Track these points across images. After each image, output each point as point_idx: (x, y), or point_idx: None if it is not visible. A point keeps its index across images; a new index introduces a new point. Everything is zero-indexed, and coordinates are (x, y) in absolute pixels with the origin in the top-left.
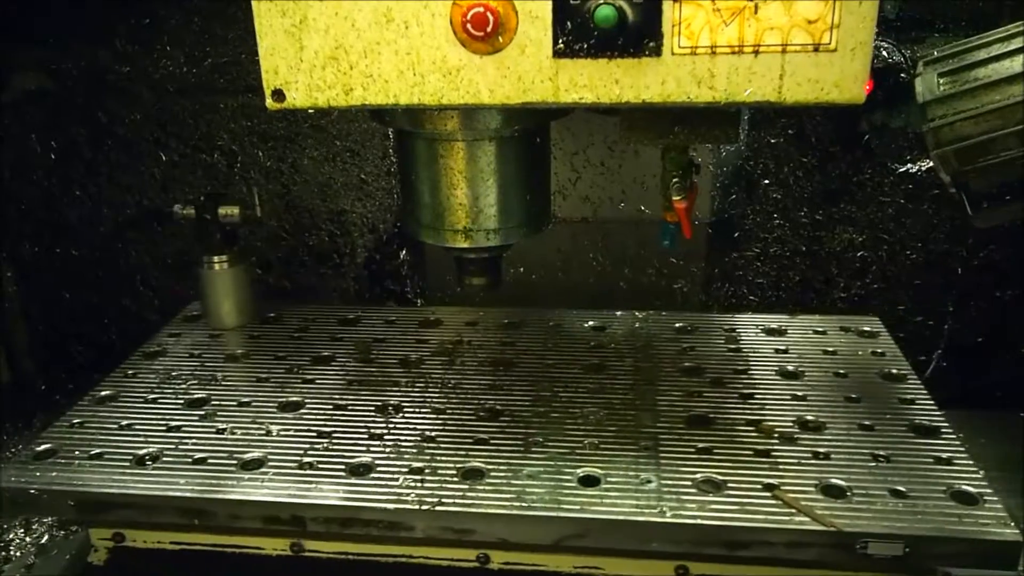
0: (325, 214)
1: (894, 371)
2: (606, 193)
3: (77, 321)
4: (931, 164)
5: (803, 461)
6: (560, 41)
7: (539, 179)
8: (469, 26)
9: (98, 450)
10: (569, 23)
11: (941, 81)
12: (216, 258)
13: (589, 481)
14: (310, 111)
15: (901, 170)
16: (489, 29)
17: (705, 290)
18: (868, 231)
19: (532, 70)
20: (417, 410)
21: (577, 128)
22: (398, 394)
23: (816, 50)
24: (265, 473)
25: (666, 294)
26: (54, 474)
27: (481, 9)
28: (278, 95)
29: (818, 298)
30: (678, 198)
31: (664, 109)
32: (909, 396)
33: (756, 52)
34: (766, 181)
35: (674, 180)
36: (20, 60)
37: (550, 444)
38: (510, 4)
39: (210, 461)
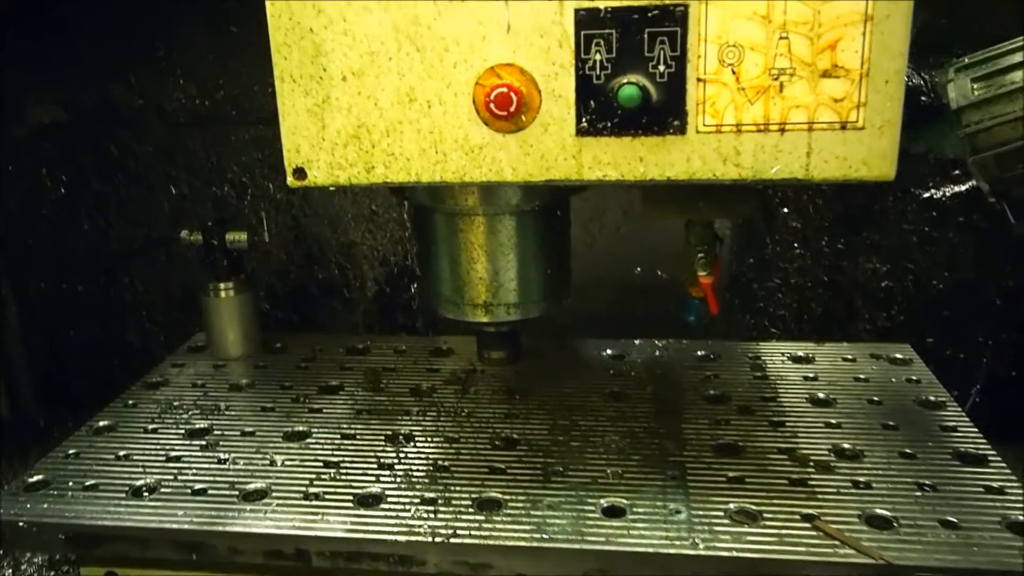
0: (335, 246)
1: (932, 398)
2: (621, 258)
3: (80, 356)
4: (953, 190)
5: (843, 490)
6: (583, 119)
7: (559, 252)
8: (492, 106)
9: (93, 481)
10: (593, 102)
11: (975, 86)
12: (222, 285)
13: (614, 512)
14: (331, 188)
15: (925, 196)
16: (513, 108)
17: (727, 321)
18: (892, 260)
19: (555, 148)
20: (429, 439)
21: (593, 193)
22: (409, 423)
23: (843, 128)
24: (268, 504)
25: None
26: (45, 506)
27: (504, 89)
28: (299, 173)
29: (842, 330)
30: (703, 273)
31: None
32: (950, 424)
33: (782, 130)
34: (785, 210)
35: (699, 255)
36: (35, 94)
37: (571, 473)
38: (533, 83)
39: (210, 492)
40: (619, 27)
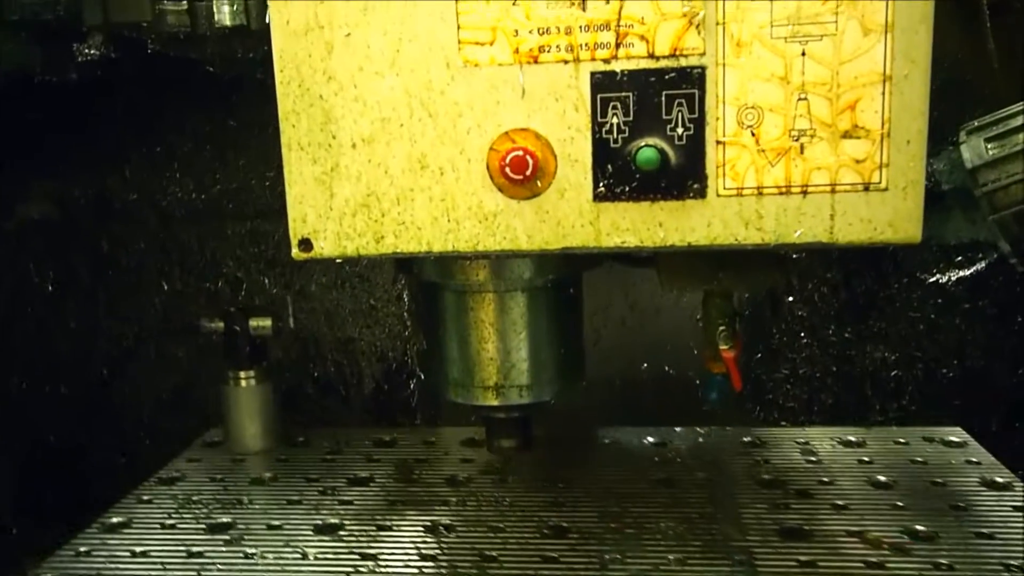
0: (332, 342)
1: (998, 479)
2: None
3: (60, 465)
4: (959, 274)
5: (924, 572)
6: (601, 184)
7: (572, 332)
8: (508, 170)
9: None
10: (610, 166)
11: (989, 146)
12: (243, 373)
13: None
14: (338, 260)
15: (930, 280)
16: (528, 173)
17: (737, 412)
18: (900, 348)
19: (572, 214)
20: (472, 529)
21: (598, 285)
22: (448, 513)
23: (867, 189)
24: None
25: (696, 416)
26: None
27: (520, 153)
28: (305, 244)
29: (854, 421)
30: (726, 347)
31: (706, 254)
32: (1021, 503)
33: (804, 192)
34: (791, 298)
35: (721, 329)
36: (27, 188)
37: (629, 561)
38: (549, 148)
39: None
40: (636, 90)
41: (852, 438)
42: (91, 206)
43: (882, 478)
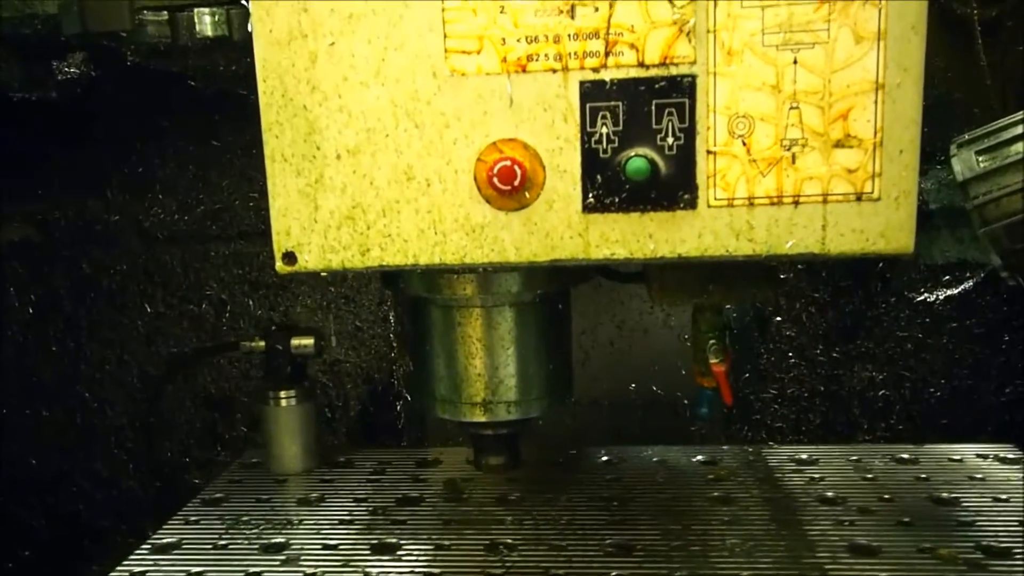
0: (317, 365)
1: None
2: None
3: (42, 491)
4: (946, 293)
5: None
6: (590, 195)
7: (560, 349)
8: (496, 180)
9: None
10: (599, 176)
11: (980, 158)
12: (283, 393)
13: None
14: (323, 274)
15: (918, 299)
16: (516, 183)
17: (724, 432)
18: (888, 368)
19: (561, 226)
20: (533, 548)
21: (585, 305)
22: (506, 532)
23: (859, 199)
24: None
25: (684, 437)
26: None
27: (508, 163)
28: (289, 258)
29: (841, 441)
30: (716, 360)
31: (696, 267)
32: None
33: (796, 203)
34: (778, 318)
35: (711, 342)
36: (7, 211)
37: None
38: (537, 159)
39: None
40: (626, 99)
41: (905, 455)
42: (72, 228)
43: (943, 495)
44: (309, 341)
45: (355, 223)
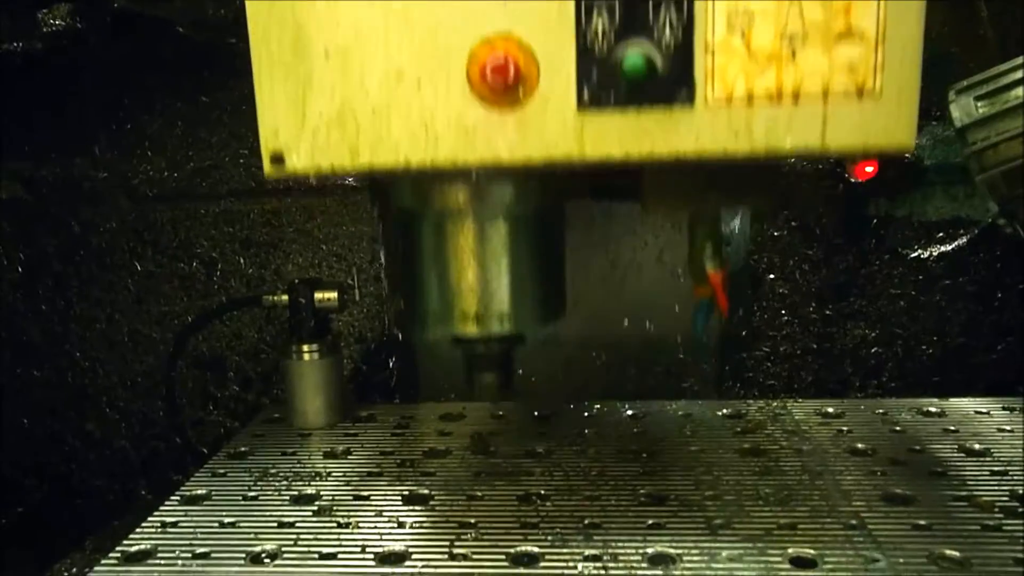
0: None
1: None
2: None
3: (35, 451)
4: (941, 250)
5: None
6: (585, 92)
7: (552, 265)
8: (489, 77)
9: (203, 549)
10: (595, 73)
11: (979, 104)
12: (306, 347)
13: (803, 563)
14: (311, 179)
15: (912, 256)
16: (510, 80)
17: (717, 390)
18: (880, 326)
19: (556, 125)
20: (566, 498)
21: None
22: (538, 483)
23: (860, 95)
24: (413, 567)
25: (676, 392)
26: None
27: (501, 58)
28: (277, 160)
29: (834, 398)
30: (713, 268)
31: (693, 171)
32: None
33: (796, 100)
34: (771, 276)
35: (708, 249)
36: None
37: (737, 526)
38: (531, 56)
39: (340, 556)
40: None
41: (932, 408)
42: (60, 187)
43: (975, 446)
44: (333, 295)
45: (345, 125)
